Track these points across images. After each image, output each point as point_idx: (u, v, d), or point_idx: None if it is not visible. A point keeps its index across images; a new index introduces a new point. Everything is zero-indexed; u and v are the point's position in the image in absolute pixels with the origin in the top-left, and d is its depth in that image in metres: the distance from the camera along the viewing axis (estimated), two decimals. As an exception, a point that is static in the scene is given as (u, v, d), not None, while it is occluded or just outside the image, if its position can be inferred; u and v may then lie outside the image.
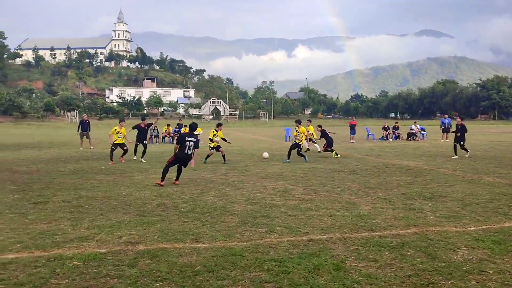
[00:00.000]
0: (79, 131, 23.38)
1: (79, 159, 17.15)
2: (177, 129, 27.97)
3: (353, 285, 4.32)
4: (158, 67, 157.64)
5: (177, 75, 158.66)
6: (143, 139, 16.31)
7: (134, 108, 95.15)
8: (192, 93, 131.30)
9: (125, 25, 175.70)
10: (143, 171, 13.23)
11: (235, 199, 8.65)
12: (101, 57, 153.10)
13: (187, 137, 10.62)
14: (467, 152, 17.24)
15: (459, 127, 17.37)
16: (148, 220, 6.95)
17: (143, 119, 16.73)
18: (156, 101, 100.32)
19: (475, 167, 13.70)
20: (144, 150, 16.31)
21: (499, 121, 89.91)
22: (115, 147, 15.49)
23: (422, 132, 31.11)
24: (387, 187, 10.12)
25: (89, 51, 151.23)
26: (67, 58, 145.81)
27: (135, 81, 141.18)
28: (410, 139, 29.13)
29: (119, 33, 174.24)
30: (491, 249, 5.41)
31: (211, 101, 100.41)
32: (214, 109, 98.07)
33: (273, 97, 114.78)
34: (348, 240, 5.84)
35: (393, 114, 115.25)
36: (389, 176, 11.93)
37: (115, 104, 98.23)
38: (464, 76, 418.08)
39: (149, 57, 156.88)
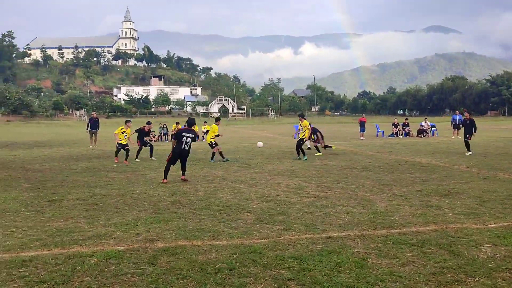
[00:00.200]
0: (88, 129, 23.45)
1: (90, 157, 17.22)
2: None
3: (377, 283, 4.27)
4: (165, 65, 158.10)
5: (184, 73, 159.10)
6: (143, 141, 16.17)
7: (141, 106, 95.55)
8: (199, 91, 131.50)
9: (132, 23, 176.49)
10: (155, 168, 13.24)
11: (250, 197, 8.61)
12: (109, 56, 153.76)
13: (184, 133, 10.55)
14: (468, 150, 16.56)
15: (468, 122, 17.18)
16: (164, 217, 6.94)
17: (148, 123, 16.80)
18: (163, 99, 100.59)
19: (490, 164, 13.53)
20: (151, 149, 16.21)
21: (509, 117, 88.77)
22: (120, 147, 15.50)
23: (432, 128, 30.83)
24: (402, 184, 10.03)
25: (97, 49, 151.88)
26: (75, 57, 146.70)
27: (143, 80, 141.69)
28: (420, 135, 28.86)
29: (126, 32, 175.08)
30: (515, 246, 5.31)
31: (218, 98, 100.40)
32: (221, 106, 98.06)
33: (280, 94, 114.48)
34: (367, 237, 5.78)
35: (401, 111, 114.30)
36: (402, 173, 11.81)
37: (123, 102, 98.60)
38: (473, 72, 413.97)
39: (156, 55, 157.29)
